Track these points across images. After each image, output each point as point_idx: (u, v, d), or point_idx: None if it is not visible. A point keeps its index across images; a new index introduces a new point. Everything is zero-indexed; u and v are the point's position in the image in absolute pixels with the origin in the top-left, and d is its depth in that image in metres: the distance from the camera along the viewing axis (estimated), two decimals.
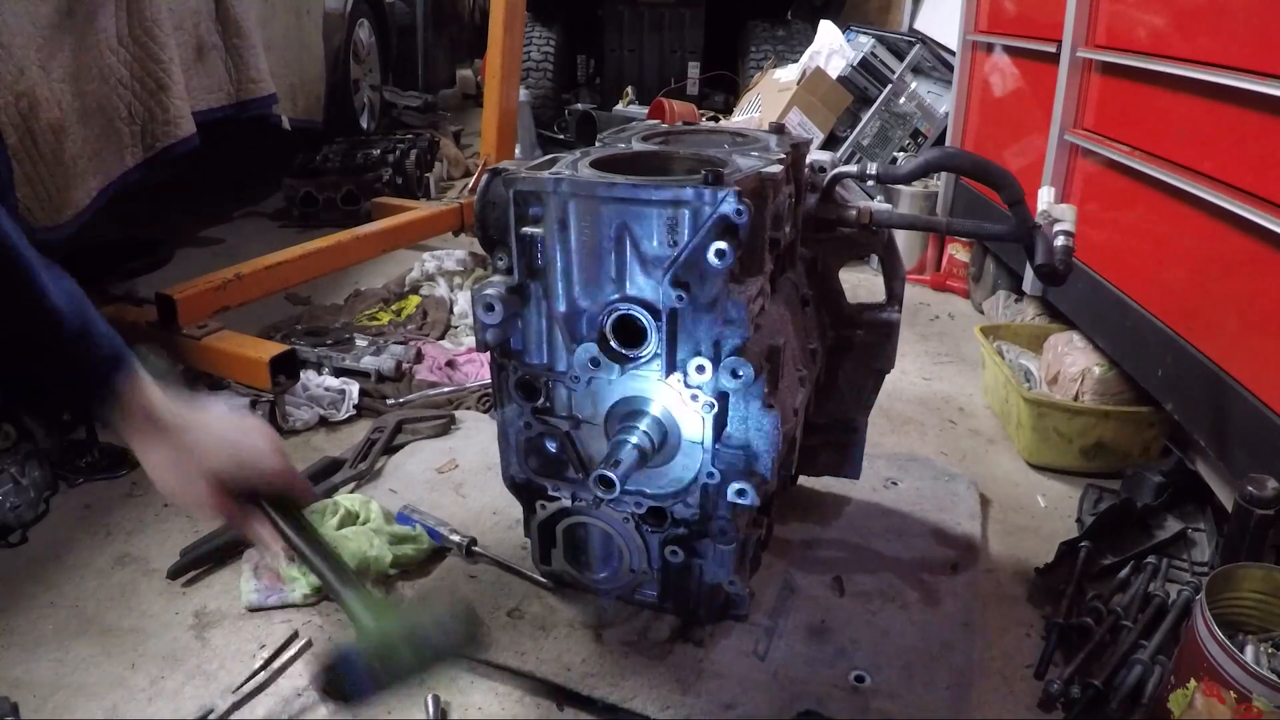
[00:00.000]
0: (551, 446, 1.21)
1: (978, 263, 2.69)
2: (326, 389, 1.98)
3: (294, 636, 1.27)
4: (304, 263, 2.38)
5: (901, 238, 2.75)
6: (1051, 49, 1.97)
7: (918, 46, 3.31)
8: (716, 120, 3.95)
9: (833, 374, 1.45)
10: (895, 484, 1.67)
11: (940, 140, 3.17)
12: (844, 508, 1.60)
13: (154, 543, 1.53)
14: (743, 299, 1.01)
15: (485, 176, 1.11)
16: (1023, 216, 1.29)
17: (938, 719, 1.13)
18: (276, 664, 1.19)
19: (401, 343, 2.24)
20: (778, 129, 1.36)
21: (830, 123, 3.33)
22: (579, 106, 4.57)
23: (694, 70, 4.87)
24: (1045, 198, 1.29)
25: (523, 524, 1.37)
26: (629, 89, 4.74)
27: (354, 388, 2.00)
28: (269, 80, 2.97)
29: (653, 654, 1.22)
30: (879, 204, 1.34)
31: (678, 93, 4.69)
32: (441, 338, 2.40)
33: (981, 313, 2.62)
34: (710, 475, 1.13)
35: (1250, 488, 1.21)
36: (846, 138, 3.27)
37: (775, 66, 4.01)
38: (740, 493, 1.10)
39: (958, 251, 2.82)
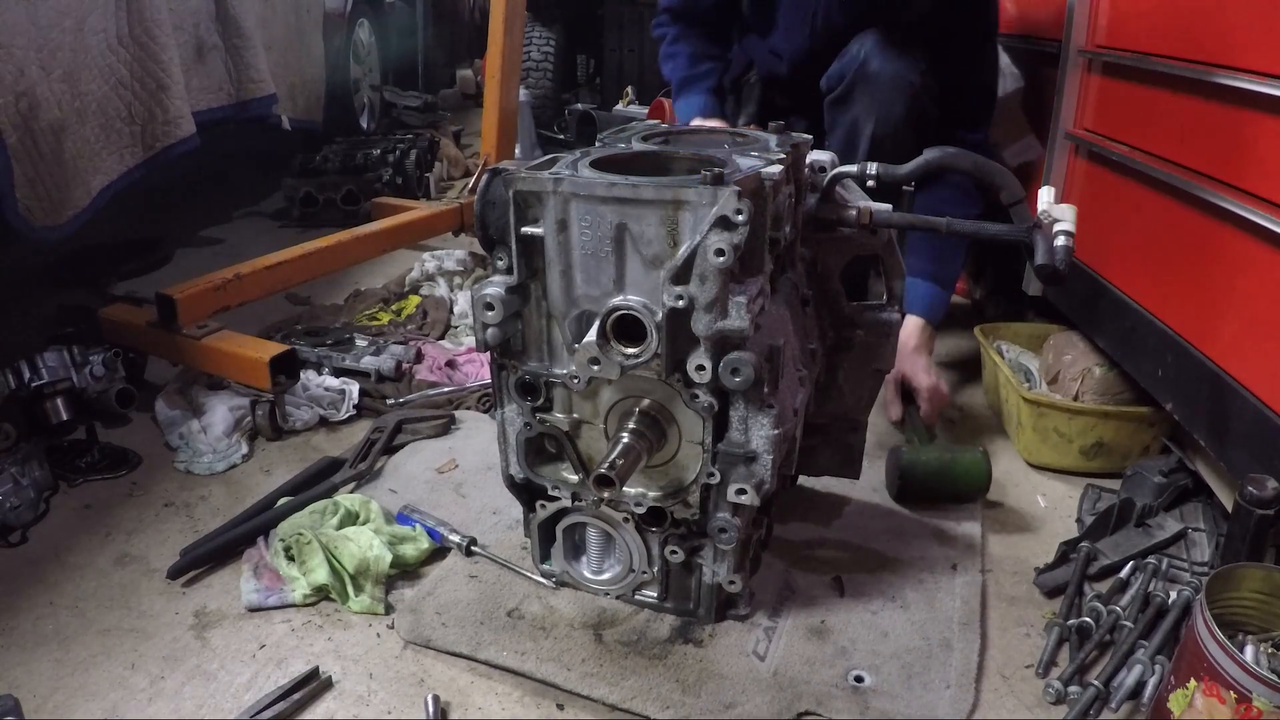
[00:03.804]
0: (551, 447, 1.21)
1: (978, 262, 2.69)
2: (326, 389, 1.98)
3: (315, 673, 1.22)
4: (304, 263, 2.38)
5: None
6: (1052, 49, 1.97)
7: None
8: None
9: (833, 374, 1.45)
10: None
11: None
12: (844, 508, 1.60)
13: (154, 543, 1.53)
14: (743, 299, 1.01)
15: (485, 176, 1.11)
16: (1023, 216, 1.29)
17: (938, 719, 1.14)
18: (296, 696, 1.17)
19: (401, 343, 2.24)
20: (778, 129, 1.36)
21: None
22: (579, 106, 4.56)
23: None
24: (1045, 198, 1.29)
25: (523, 524, 1.37)
26: (629, 89, 4.73)
27: (354, 388, 2.00)
28: (269, 80, 2.97)
29: (653, 654, 1.22)
30: (879, 204, 1.34)
31: None
32: (441, 338, 2.40)
33: (982, 313, 2.62)
34: (710, 475, 1.13)
35: (1250, 488, 1.21)
36: None
37: None
38: (740, 493, 1.10)
39: None
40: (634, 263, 1.06)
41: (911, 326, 1.89)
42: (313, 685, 1.19)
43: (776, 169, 1.10)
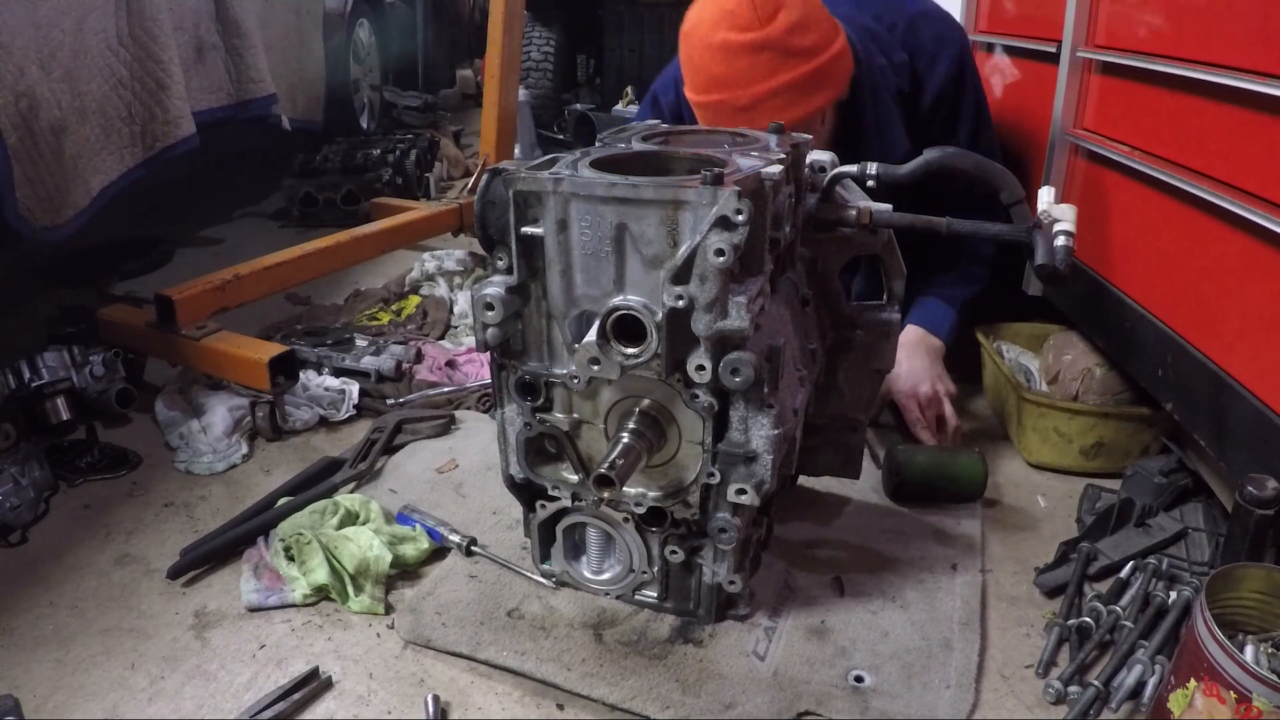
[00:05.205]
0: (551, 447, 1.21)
1: None
2: (326, 389, 1.98)
3: (315, 673, 1.22)
4: (304, 263, 2.38)
5: None
6: (1051, 49, 1.97)
7: None
8: None
9: (833, 374, 1.45)
10: None
11: None
12: (844, 508, 1.60)
13: (154, 543, 1.53)
14: (743, 299, 1.01)
15: (485, 176, 1.11)
16: (1023, 216, 1.29)
17: (937, 719, 1.14)
18: (295, 696, 1.17)
19: (401, 343, 2.25)
20: (778, 129, 1.36)
21: None
22: (577, 107, 4.56)
23: None
24: (1045, 198, 1.29)
25: (523, 524, 1.37)
26: (629, 89, 4.73)
27: (354, 388, 2.00)
28: (269, 80, 2.97)
29: (653, 654, 1.22)
30: (879, 204, 1.34)
31: None
32: (441, 338, 2.40)
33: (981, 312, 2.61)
34: (710, 475, 1.13)
35: (1250, 488, 1.21)
36: None
37: None
38: (740, 493, 1.10)
39: None
40: (634, 263, 1.06)
41: (908, 334, 1.85)
42: (313, 685, 1.19)
43: (776, 169, 1.09)
